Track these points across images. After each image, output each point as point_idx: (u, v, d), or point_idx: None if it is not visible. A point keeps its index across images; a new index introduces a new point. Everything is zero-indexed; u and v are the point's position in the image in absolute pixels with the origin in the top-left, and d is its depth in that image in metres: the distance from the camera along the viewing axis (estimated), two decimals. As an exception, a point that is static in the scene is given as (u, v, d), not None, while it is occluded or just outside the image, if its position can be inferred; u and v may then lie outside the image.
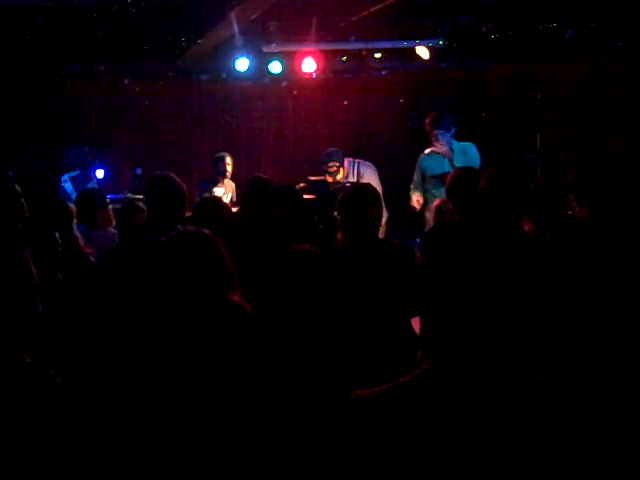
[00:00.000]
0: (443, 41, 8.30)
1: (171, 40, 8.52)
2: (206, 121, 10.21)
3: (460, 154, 6.83)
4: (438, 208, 5.06)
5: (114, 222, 5.90)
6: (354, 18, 7.89)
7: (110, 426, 2.49)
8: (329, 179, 7.33)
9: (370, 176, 7.65)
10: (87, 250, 4.62)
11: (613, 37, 7.80)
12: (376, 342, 3.46)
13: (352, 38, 8.60)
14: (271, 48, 8.76)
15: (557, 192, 4.08)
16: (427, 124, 6.94)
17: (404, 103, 9.71)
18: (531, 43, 8.12)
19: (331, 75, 9.62)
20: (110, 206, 5.92)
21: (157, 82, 9.78)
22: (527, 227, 3.96)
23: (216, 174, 8.27)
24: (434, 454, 1.66)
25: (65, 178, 8.04)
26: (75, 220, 4.81)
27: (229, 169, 8.25)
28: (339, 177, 7.30)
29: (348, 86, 9.94)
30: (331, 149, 7.67)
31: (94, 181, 8.09)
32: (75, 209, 4.96)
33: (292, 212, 4.27)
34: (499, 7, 7.59)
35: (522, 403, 1.69)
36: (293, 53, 8.86)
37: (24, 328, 2.15)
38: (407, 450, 1.68)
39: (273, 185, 5.30)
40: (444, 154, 6.60)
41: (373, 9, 7.44)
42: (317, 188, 7.10)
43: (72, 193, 7.66)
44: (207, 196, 6.72)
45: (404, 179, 7.91)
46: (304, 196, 5.48)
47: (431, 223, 6.03)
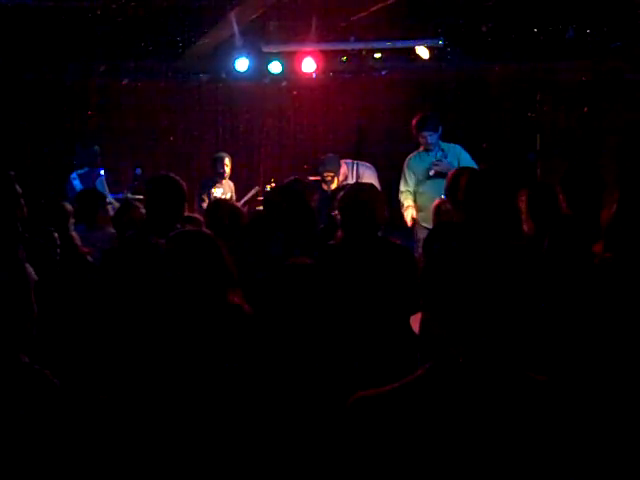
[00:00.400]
0: (443, 41, 8.29)
1: (171, 40, 8.52)
2: (206, 121, 10.20)
3: (454, 159, 6.81)
4: (437, 208, 5.06)
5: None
6: (354, 18, 7.88)
7: (108, 427, 2.49)
8: (324, 187, 7.33)
9: (369, 177, 7.64)
10: (84, 250, 4.62)
11: (613, 37, 7.80)
12: (375, 341, 3.46)
13: (352, 38, 8.59)
14: (271, 48, 8.76)
15: (556, 191, 4.08)
16: (413, 126, 6.91)
17: (404, 103, 9.70)
18: (531, 43, 8.11)
19: (331, 75, 9.61)
20: (110, 206, 5.92)
21: (157, 82, 9.77)
22: (526, 226, 3.97)
23: (215, 174, 8.26)
24: (437, 454, 1.66)
25: (74, 176, 7.99)
26: (72, 220, 4.81)
27: (228, 170, 8.24)
28: (333, 186, 7.28)
29: (348, 86, 9.93)
30: (327, 156, 7.62)
31: (102, 178, 7.99)
32: (72, 209, 4.96)
33: (294, 212, 4.28)
34: (499, 7, 7.58)
35: (525, 403, 1.69)
36: (293, 53, 8.86)
37: (20, 328, 2.15)
38: (410, 450, 1.67)
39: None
40: (445, 171, 6.15)
41: (373, 9, 7.44)
42: (317, 188, 7.08)
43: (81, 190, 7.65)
44: (220, 198, 6.72)
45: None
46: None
47: (428, 224, 6.04)
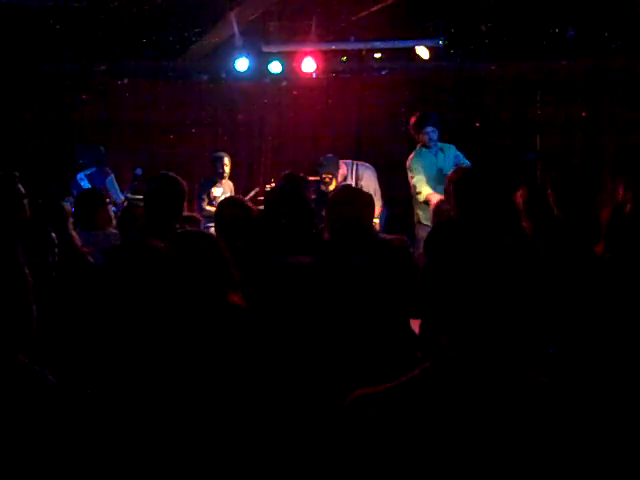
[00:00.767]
0: (443, 41, 8.30)
1: (171, 40, 8.52)
2: (206, 121, 10.20)
3: (451, 158, 6.81)
4: (437, 207, 5.06)
5: (114, 222, 5.90)
6: (354, 18, 7.89)
7: (108, 427, 2.49)
8: (323, 188, 7.32)
9: (369, 177, 7.64)
10: (84, 250, 4.61)
11: (613, 37, 7.80)
12: (371, 341, 3.47)
13: (352, 38, 8.60)
14: (271, 48, 8.76)
15: (547, 191, 4.09)
16: (414, 124, 6.89)
17: (404, 103, 9.70)
18: (531, 43, 8.12)
19: (331, 75, 9.61)
20: (110, 206, 5.91)
21: (157, 82, 9.78)
22: (525, 225, 3.97)
23: (214, 174, 8.26)
24: (433, 453, 1.66)
25: (81, 176, 7.92)
26: (71, 220, 4.80)
27: (227, 169, 8.24)
28: (332, 187, 7.27)
29: (348, 86, 9.93)
30: (326, 157, 7.60)
31: (111, 177, 7.93)
32: (71, 209, 4.96)
33: (294, 211, 4.28)
34: (499, 7, 7.58)
35: (523, 403, 1.68)
36: (293, 53, 8.86)
37: (20, 328, 2.15)
38: (407, 449, 1.67)
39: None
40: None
41: (373, 9, 7.45)
42: (317, 189, 7.08)
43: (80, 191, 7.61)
44: (230, 196, 6.69)
45: (403, 179, 7.90)
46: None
47: (430, 222, 6.04)
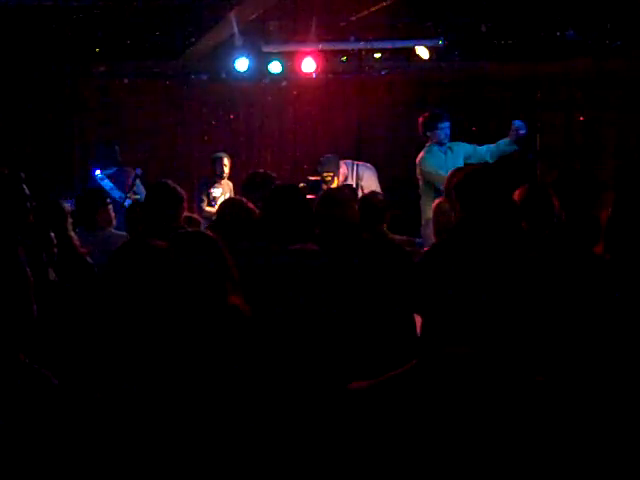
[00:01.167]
0: (443, 41, 8.30)
1: (171, 40, 8.52)
2: (206, 121, 10.19)
3: (460, 156, 6.79)
4: (437, 207, 5.04)
5: (114, 222, 5.90)
6: (354, 18, 7.89)
7: (108, 427, 2.49)
8: (324, 187, 7.31)
9: (369, 178, 7.63)
10: (83, 250, 4.61)
11: (613, 37, 7.80)
12: (368, 340, 3.48)
13: (352, 38, 8.59)
14: (271, 48, 8.76)
15: (549, 191, 4.09)
16: (425, 122, 6.86)
17: (404, 103, 9.70)
18: (531, 43, 8.12)
19: (331, 75, 9.60)
20: (110, 206, 5.90)
21: (157, 82, 9.77)
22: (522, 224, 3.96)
23: (214, 175, 8.26)
24: (423, 446, 1.66)
25: (101, 176, 7.77)
26: (70, 220, 4.80)
27: (226, 170, 8.24)
28: (334, 186, 7.27)
29: (348, 86, 9.93)
30: (326, 156, 7.60)
31: (134, 174, 7.69)
32: (70, 209, 4.95)
33: (294, 212, 4.29)
34: (499, 7, 7.58)
35: (517, 401, 1.68)
36: (293, 53, 8.86)
37: (19, 328, 2.15)
38: (398, 441, 1.68)
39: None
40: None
41: (373, 9, 7.44)
42: (317, 188, 7.08)
43: (112, 190, 7.51)
44: (231, 197, 6.69)
45: (404, 179, 7.91)
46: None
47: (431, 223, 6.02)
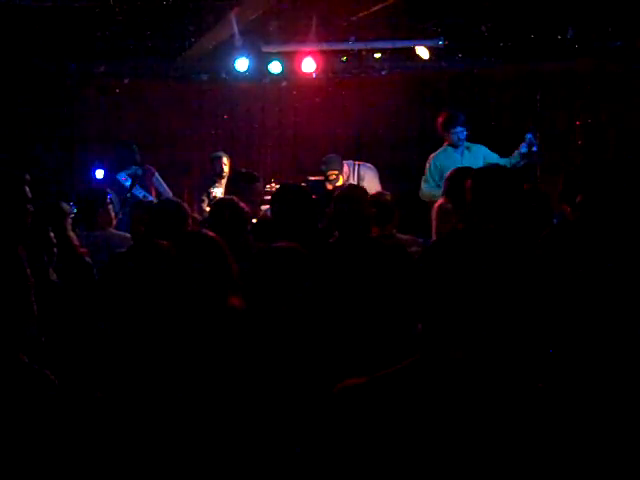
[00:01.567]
0: (443, 41, 8.30)
1: (171, 40, 8.52)
2: (206, 121, 10.20)
3: (479, 158, 6.77)
4: (439, 208, 5.05)
5: (114, 222, 5.90)
6: (354, 18, 7.89)
7: (107, 426, 2.49)
8: (329, 186, 7.30)
9: (371, 178, 7.64)
10: (82, 250, 4.61)
11: (613, 37, 7.80)
12: (368, 340, 3.48)
13: (352, 38, 8.59)
14: (271, 48, 8.76)
15: (546, 193, 4.08)
16: (441, 123, 6.85)
17: (404, 103, 9.70)
18: (531, 43, 8.12)
19: (331, 75, 9.61)
20: (110, 206, 5.91)
21: (157, 82, 9.78)
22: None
23: (213, 174, 8.25)
24: (416, 445, 1.66)
25: (124, 176, 7.70)
26: (70, 220, 4.80)
27: (226, 169, 8.23)
28: (339, 184, 7.26)
29: (348, 86, 9.93)
30: (329, 156, 7.61)
31: (157, 175, 7.79)
32: (69, 209, 4.96)
33: (300, 212, 4.29)
34: (499, 7, 7.59)
35: (513, 405, 1.68)
36: (293, 53, 8.86)
37: (20, 328, 2.16)
38: (391, 440, 1.68)
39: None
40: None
41: (373, 9, 7.45)
42: (317, 188, 7.09)
43: (136, 189, 7.48)
44: (224, 197, 6.67)
45: (404, 179, 7.91)
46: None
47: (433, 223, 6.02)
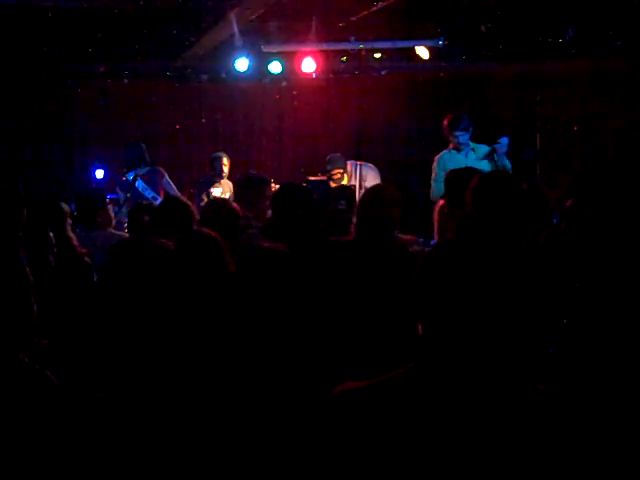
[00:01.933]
0: (443, 41, 8.30)
1: (171, 40, 8.53)
2: (206, 121, 10.20)
3: (486, 160, 6.77)
4: (441, 209, 5.05)
5: (114, 222, 5.90)
6: (354, 18, 7.90)
7: (107, 426, 2.49)
8: (333, 185, 7.29)
9: (372, 178, 7.64)
10: (82, 250, 4.61)
11: (613, 37, 7.80)
12: (373, 340, 3.47)
13: (352, 38, 8.60)
14: (271, 48, 8.76)
15: (546, 194, 4.07)
16: (445, 126, 6.86)
17: (404, 103, 9.70)
18: (531, 43, 8.12)
19: (331, 75, 9.61)
20: (110, 206, 5.90)
21: (157, 82, 9.78)
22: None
23: (213, 174, 8.25)
24: (413, 450, 1.66)
25: (133, 175, 7.59)
26: (69, 220, 4.80)
27: (226, 169, 8.22)
28: (344, 182, 7.26)
29: (348, 86, 9.94)
30: (333, 155, 7.61)
31: (166, 176, 7.65)
32: (69, 209, 4.95)
33: (300, 212, 4.30)
34: (499, 7, 7.59)
35: (513, 409, 1.67)
36: (293, 53, 8.87)
37: (20, 328, 2.16)
38: (389, 445, 1.67)
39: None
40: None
41: (373, 9, 7.45)
42: (317, 188, 7.09)
43: (145, 190, 7.44)
44: (216, 197, 6.68)
45: (404, 179, 7.92)
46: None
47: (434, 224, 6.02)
